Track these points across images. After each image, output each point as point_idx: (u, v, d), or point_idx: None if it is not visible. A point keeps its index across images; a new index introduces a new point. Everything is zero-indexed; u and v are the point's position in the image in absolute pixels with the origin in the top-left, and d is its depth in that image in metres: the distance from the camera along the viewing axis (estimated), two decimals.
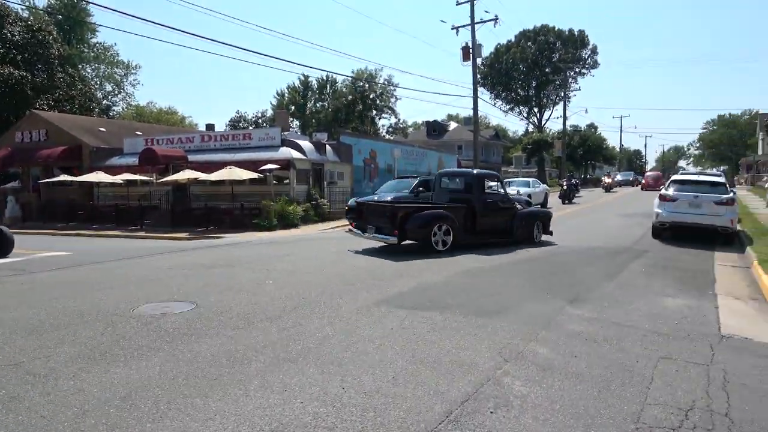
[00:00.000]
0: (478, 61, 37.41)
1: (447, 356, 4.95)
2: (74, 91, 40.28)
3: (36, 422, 3.69)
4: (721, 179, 15.32)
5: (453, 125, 72.74)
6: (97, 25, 55.23)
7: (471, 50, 33.86)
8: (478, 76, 41.97)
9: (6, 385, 4.38)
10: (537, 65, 69.57)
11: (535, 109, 74.61)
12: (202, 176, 21.78)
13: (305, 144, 25.53)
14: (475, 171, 14.25)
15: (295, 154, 23.82)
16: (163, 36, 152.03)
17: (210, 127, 42.25)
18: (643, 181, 50.35)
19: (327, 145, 26.97)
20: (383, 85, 61.89)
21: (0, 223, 13.52)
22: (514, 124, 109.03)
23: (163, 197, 24.96)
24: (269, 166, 22.13)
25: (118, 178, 24.91)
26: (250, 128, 49.54)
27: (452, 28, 34.30)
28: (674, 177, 16.05)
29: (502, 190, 13.73)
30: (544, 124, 73.52)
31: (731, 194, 13.43)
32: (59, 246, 15.65)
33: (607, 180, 48.12)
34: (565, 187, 32.51)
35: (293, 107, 65.39)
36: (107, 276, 9.82)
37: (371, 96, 62.00)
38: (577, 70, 71.00)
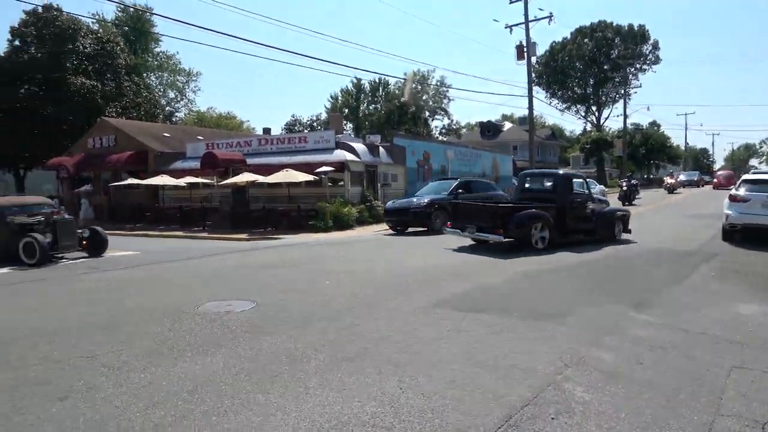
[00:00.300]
0: (533, 59, 36.72)
1: (505, 360, 4.88)
2: (140, 99, 42.22)
3: (111, 411, 3.89)
4: None
5: (507, 125, 71.59)
6: (160, 35, 57.78)
7: (525, 49, 33.24)
8: (533, 74, 41.17)
9: (84, 376, 4.65)
10: (594, 62, 67.44)
11: (594, 108, 72.30)
12: (260, 179, 22.34)
13: (359, 146, 25.75)
14: (561, 171, 15.11)
15: (349, 156, 24.06)
16: (222, 44, 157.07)
17: (267, 131, 43.29)
18: (715, 180, 48.87)
19: (380, 147, 27.10)
20: (436, 86, 61.66)
21: (75, 224, 14.30)
22: (571, 123, 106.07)
23: (224, 199, 25.73)
24: (324, 168, 22.44)
25: (182, 181, 25.90)
26: (306, 131, 50.51)
27: (506, 27, 33.73)
28: (745, 176, 15.19)
29: (586, 191, 14.04)
30: (603, 122, 71.19)
31: None
32: (129, 246, 16.42)
33: (669, 180, 46.02)
34: (624, 188, 31.40)
35: (346, 110, 66.08)
36: (173, 275, 10.25)
37: (424, 97, 61.84)
38: (638, 66, 68.34)
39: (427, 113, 61.93)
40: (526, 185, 14.31)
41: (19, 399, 4.19)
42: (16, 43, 37.63)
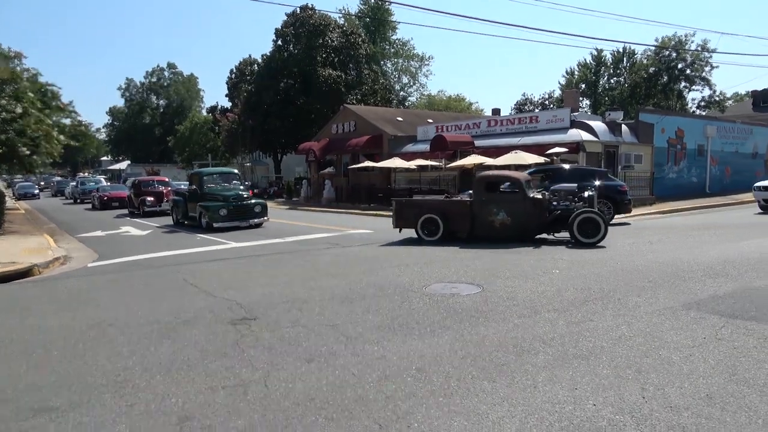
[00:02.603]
0: None
1: None
2: (377, 86, 45.71)
3: (348, 378, 4.32)
4: None
5: None
6: (397, 22, 61.38)
7: None
8: None
9: (327, 342, 5.25)
10: None
11: None
12: (488, 161, 22.44)
13: (597, 125, 24.12)
14: None
15: (586, 136, 22.71)
16: (454, 25, 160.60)
17: (496, 111, 43.16)
18: None
19: (623, 125, 24.98)
20: (695, 51, 54.21)
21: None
22: None
23: (450, 182, 26.54)
24: (556, 149, 21.58)
25: (412, 164, 27.40)
26: (537, 111, 49.09)
27: None
28: None
29: None
30: None
31: None
32: (362, 225, 18.05)
33: None
34: None
35: (583, 85, 62.27)
36: (401, 254, 10.93)
37: (679, 66, 54.96)
38: None
39: (682, 84, 54.99)
40: None
41: (276, 356, 4.92)
42: (279, 42, 43.79)
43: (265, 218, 18.51)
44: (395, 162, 27.75)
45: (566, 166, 18.90)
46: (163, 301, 7.37)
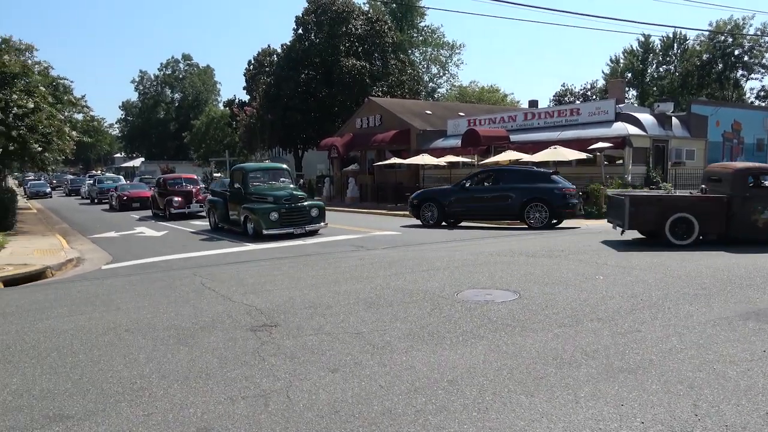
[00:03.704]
0: None
1: None
2: (404, 77, 45.73)
3: (375, 390, 4.35)
4: None
5: None
6: (426, 8, 61.36)
7: None
8: None
9: (352, 351, 5.29)
10: None
11: None
12: (524, 157, 22.28)
13: (645, 117, 23.76)
14: None
15: (632, 130, 22.38)
16: (487, 10, 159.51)
17: (533, 103, 42.76)
18: None
19: (673, 118, 24.56)
20: (754, 36, 52.91)
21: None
22: None
23: None
24: (600, 144, 21.31)
25: (442, 161, 27.35)
26: (578, 102, 48.52)
27: None
28: None
29: None
30: None
31: None
32: (388, 226, 18.08)
33: None
34: None
35: (629, 74, 61.34)
36: (431, 257, 10.93)
37: (736, 52, 53.72)
38: None
39: (740, 72, 53.77)
40: None
41: (298, 365, 4.98)
42: (300, 31, 44.15)
43: (323, 224, 16.40)
44: (424, 158, 27.71)
45: (515, 167, 19.59)
46: (180, 306, 7.51)
